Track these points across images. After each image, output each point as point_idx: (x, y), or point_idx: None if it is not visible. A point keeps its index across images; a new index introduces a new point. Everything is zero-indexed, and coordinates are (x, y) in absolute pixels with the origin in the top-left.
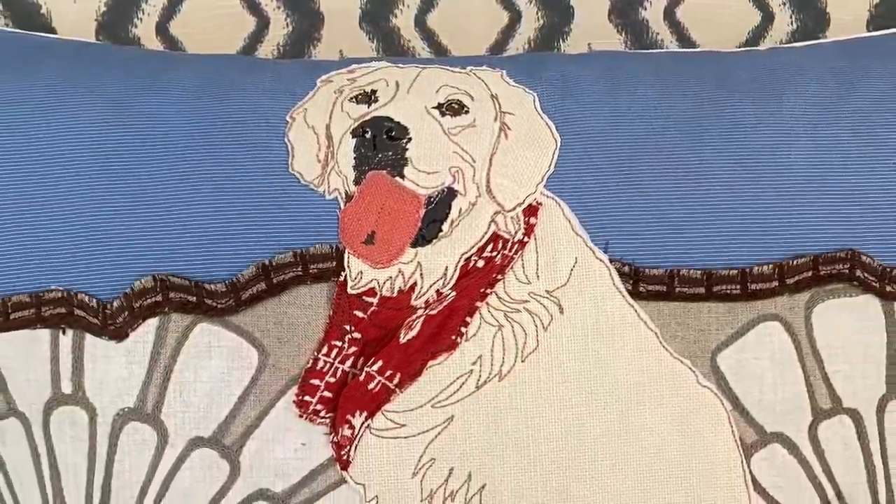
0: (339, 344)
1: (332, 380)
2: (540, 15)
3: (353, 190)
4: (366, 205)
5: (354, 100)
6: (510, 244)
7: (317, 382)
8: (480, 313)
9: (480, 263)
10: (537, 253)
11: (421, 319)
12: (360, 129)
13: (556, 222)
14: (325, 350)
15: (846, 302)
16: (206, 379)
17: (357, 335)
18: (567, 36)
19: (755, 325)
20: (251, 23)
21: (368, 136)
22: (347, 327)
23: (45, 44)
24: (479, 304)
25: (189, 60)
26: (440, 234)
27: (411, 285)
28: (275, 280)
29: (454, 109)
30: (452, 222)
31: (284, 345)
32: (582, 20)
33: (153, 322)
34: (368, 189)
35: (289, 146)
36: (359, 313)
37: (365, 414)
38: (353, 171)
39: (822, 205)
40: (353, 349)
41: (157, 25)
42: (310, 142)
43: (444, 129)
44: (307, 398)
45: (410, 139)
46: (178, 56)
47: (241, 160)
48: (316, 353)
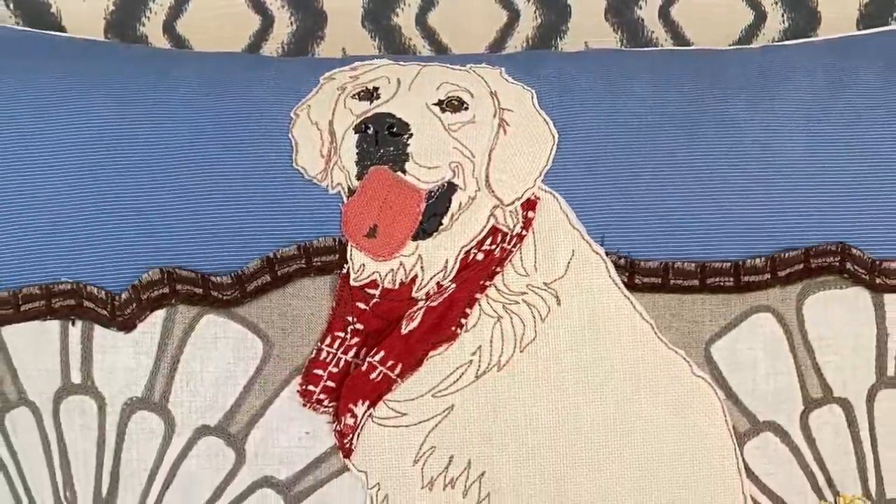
0: (341, 335)
1: (335, 370)
2: (538, 14)
3: (356, 184)
4: (368, 199)
5: (357, 97)
6: (509, 237)
7: (320, 372)
8: (480, 305)
9: (480, 256)
10: (535, 246)
11: (422, 311)
12: (362, 125)
13: (554, 216)
14: (328, 341)
15: (836, 294)
16: (213, 369)
17: (359, 326)
18: (564, 34)
19: (748, 317)
20: (256, 21)
21: (370, 131)
22: (350, 318)
23: (55, 42)
24: (478, 295)
25: (195, 58)
26: (440, 227)
27: (412, 277)
28: (279, 272)
29: (454, 106)
30: (452, 216)
31: (288, 336)
32: (579, 19)
33: (160, 313)
34: (370, 183)
35: (293, 142)
36: (361, 305)
37: (367, 403)
38: (355, 166)
39: (813, 199)
40: (356, 340)
41: (164, 24)
42: (313, 138)
43: (445, 125)
44: (311, 388)
45: (412, 135)
46: (184, 54)
47: (246, 155)
48: (319, 344)
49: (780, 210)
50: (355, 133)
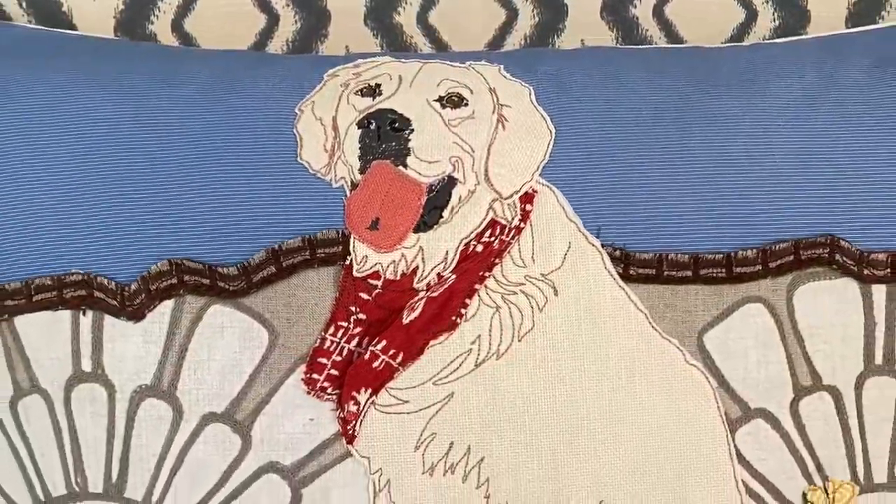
0: (345, 324)
1: (339, 358)
2: (535, 12)
3: (359, 178)
4: (370, 192)
5: (359, 93)
6: (507, 230)
7: (324, 361)
8: (479, 295)
9: (479, 248)
10: (533, 238)
11: (423, 301)
12: (365, 120)
13: (551, 209)
14: (331, 330)
15: (826, 285)
16: (219, 357)
17: (362, 316)
18: (561, 32)
19: (740, 307)
20: (262, 20)
21: (373, 127)
22: (353, 309)
23: (66, 40)
24: (477, 286)
25: (202, 56)
26: (441, 220)
27: (413, 269)
28: (284, 264)
29: (454, 102)
30: (453, 209)
31: (293, 325)
32: (575, 17)
33: (169, 304)
34: (373, 177)
35: (297, 137)
36: (364, 295)
37: (370, 391)
38: (358, 161)
39: (803, 193)
40: (359, 329)
41: (172, 22)
42: (317, 133)
43: (445, 120)
44: (315, 376)
45: (413, 130)
46: (192, 51)
47: (252, 150)
48: (323, 333)
49: (771, 203)
50: (358, 128)
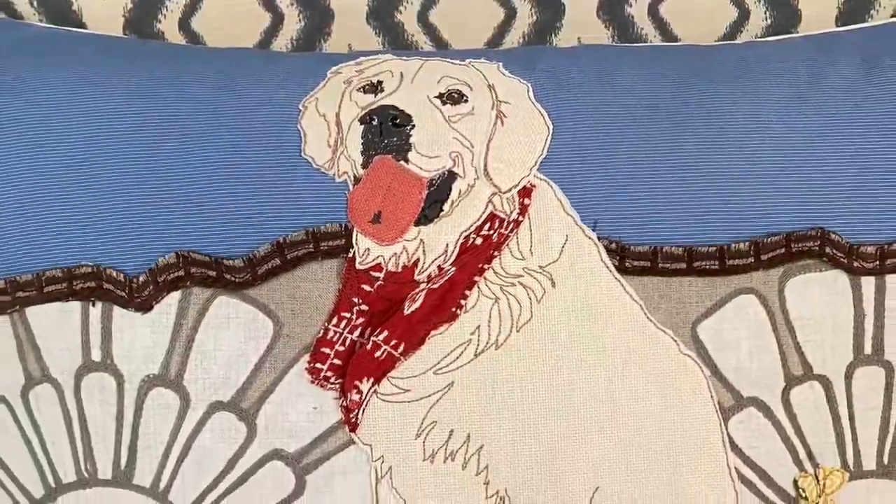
0: (347, 315)
1: (342, 348)
2: (533, 11)
3: (361, 173)
4: (372, 187)
5: (362, 90)
6: (506, 223)
7: (327, 351)
8: (479, 287)
9: (479, 241)
10: (531, 231)
11: (423, 293)
12: (367, 116)
13: (549, 203)
14: (334, 321)
15: (816, 277)
16: (225, 347)
17: (364, 307)
18: (558, 31)
19: (732, 298)
20: (266, 18)
21: (375, 123)
22: (356, 300)
23: (76, 38)
24: (477, 278)
25: (209, 53)
26: (441, 213)
27: (415, 261)
28: (288, 256)
29: (454, 98)
30: (453, 203)
31: (297, 316)
32: (572, 16)
33: (176, 295)
34: (375, 172)
35: (301, 133)
36: (366, 287)
37: (372, 380)
38: (360, 156)
39: (794, 187)
40: (361, 320)
41: (179, 21)
42: (321, 128)
43: (445, 116)
44: (318, 365)
45: (414, 126)
46: (199, 49)
47: (257, 145)
48: (326, 324)
49: (763, 197)
50: (360, 124)
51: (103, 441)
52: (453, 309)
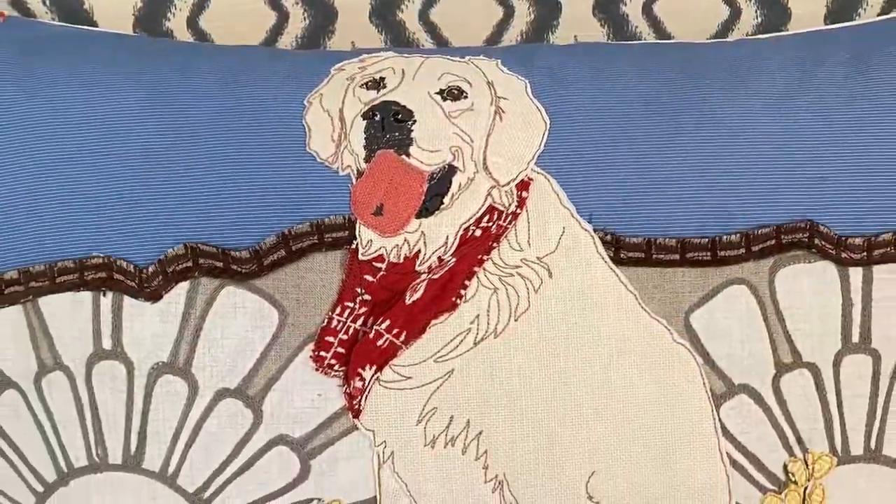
0: (351, 305)
1: (345, 337)
2: (531, 10)
3: (364, 167)
4: (375, 180)
5: (365, 86)
6: (504, 215)
7: (331, 339)
8: (478, 277)
9: (478, 233)
10: (529, 223)
11: (424, 283)
12: (370, 112)
13: (546, 196)
14: (338, 310)
15: (805, 267)
16: (232, 336)
17: (367, 297)
18: (555, 29)
19: (724, 289)
20: (272, 17)
21: (377, 118)
22: (359, 290)
23: (88, 36)
24: (476, 269)
25: (217, 51)
26: (442, 206)
27: (416, 252)
28: (293, 248)
29: (454, 95)
30: (453, 196)
31: (302, 306)
32: (569, 15)
33: (184, 285)
34: (377, 166)
35: (306, 128)
36: (369, 277)
37: (374, 367)
38: (363, 150)
39: (784, 180)
40: (364, 310)
41: (187, 20)
42: (325, 124)
43: (446, 112)
44: (322, 353)
45: (415, 121)
46: (206, 47)
47: (263, 140)
48: (330, 313)
49: (754, 191)
50: (363, 120)
51: (114, 427)
52: (453, 299)
